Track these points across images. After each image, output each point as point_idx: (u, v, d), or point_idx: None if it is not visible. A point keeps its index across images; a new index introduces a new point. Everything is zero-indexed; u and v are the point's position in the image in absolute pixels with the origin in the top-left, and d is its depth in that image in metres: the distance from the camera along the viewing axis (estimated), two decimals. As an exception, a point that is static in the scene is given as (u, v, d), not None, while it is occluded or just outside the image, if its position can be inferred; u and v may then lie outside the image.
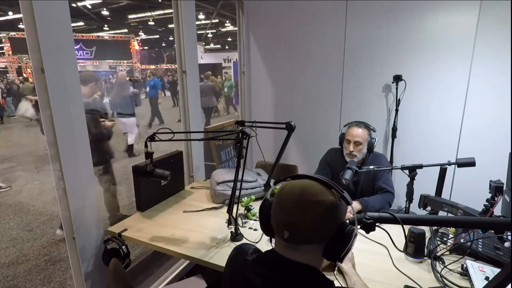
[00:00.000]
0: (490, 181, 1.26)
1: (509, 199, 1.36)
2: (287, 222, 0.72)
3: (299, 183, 0.75)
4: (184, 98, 2.27)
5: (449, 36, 2.28)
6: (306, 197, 0.71)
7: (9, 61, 13.98)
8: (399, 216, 0.79)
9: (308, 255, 0.74)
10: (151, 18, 13.10)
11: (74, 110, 1.39)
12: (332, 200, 0.71)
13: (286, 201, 0.73)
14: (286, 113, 3.03)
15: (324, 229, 0.72)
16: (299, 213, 0.70)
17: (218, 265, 1.29)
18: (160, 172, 1.46)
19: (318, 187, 0.73)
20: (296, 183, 0.75)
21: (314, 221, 0.70)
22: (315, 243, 0.73)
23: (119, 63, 17.62)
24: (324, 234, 0.72)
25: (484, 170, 1.86)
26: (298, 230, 0.71)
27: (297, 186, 0.74)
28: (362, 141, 1.86)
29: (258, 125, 1.66)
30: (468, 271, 1.15)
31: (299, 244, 0.73)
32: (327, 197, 0.71)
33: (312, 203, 0.70)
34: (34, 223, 3.35)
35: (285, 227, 0.72)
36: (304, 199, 0.71)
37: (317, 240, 0.72)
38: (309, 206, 0.70)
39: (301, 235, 0.71)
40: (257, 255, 0.83)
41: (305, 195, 0.71)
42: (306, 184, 0.74)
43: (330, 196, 0.72)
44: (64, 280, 2.42)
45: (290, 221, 0.71)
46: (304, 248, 0.73)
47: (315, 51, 2.77)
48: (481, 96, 2.27)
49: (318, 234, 0.72)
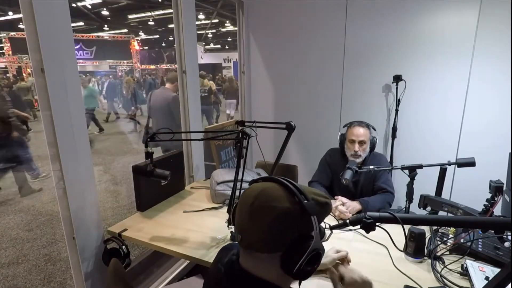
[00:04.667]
0: (490, 181, 1.25)
1: (509, 199, 1.36)
2: (240, 226, 0.69)
3: (260, 186, 0.69)
4: (184, 98, 2.27)
5: (449, 36, 2.28)
6: (259, 202, 0.66)
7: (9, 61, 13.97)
8: (399, 216, 0.79)
9: (265, 265, 0.68)
10: (151, 18, 13.10)
11: (74, 110, 1.39)
12: (285, 207, 0.64)
13: (243, 203, 0.69)
14: (286, 113, 3.03)
15: (276, 238, 0.65)
16: (249, 217, 0.66)
17: (218, 265, 1.29)
18: (160, 172, 1.46)
19: (276, 192, 0.66)
20: (257, 186, 0.70)
21: (263, 228, 0.65)
22: (266, 251, 0.66)
23: (119, 63, 17.63)
24: (276, 243, 0.65)
25: (484, 170, 1.86)
26: (248, 236, 0.67)
27: (257, 188, 0.69)
28: (366, 140, 1.86)
29: (258, 125, 1.66)
30: (468, 271, 1.15)
31: (253, 251, 0.67)
32: (281, 203, 0.65)
33: (264, 208, 0.65)
34: (34, 223, 3.35)
35: (238, 230, 0.70)
36: (257, 203, 0.66)
37: (268, 249, 0.66)
38: (259, 211, 0.65)
39: (252, 241, 0.66)
40: (230, 259, 0.77)
41: (259, 199, 0.66)
42: (266, 187, 0.68)
43: (285, 203, 0.65)
44: (64, 280, 2.42)
45: (243, 224, 0.68)
46: (258, 256, 0.67)
47: (315, 51, 2.77)
48: (481, 96, 2.27)
49: (269, 243, 0.65)
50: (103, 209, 3.56)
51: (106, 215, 3.43)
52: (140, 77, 15.64)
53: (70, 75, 1.36)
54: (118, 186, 4.44)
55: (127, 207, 3.69)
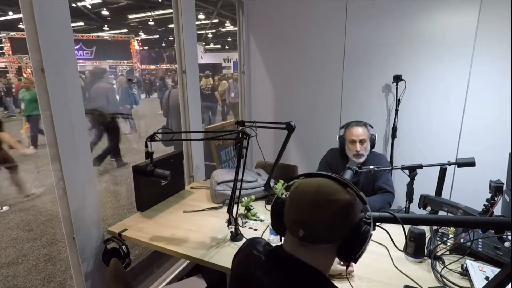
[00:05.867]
0: (490, 181, 1.25)
1: (509, 199, 1.36)
2: (303, 221, 0.71)
3: (314, 182, 0.74)
4: (184, 98, 2.27)
5: (449, 36, 2.28)
6: (322, 196, 0.70)
7: (9, 61, 13.97)
8: (399, 215, 0.79)
9: (320, 255, 0.73)
10: (151, 18, 13.09)
11: (74, 110, 1.39)
12: (348, 198, 0.70)
13: (302, 199, 0.72)
14: (286, 113, 3.03)
15: (340, 228, 0.71)
16: (315, 212, 0.70)
17: (218, 265, 1.29)
18: (160, 172, 1.46)
19: (333, 186, 0.72)
20: (311, 181, 0.74)
21: (330, 220, 0.69)
22: (329, 242, 0.72)
23: (119, 63, 17.61)
24: (339, 233, 0.71)
25: (484, 170, 1.86)
26: (314, 229, 0.70)
27: (312, 184, 0.73)
28: (366, 138, 1.87)
29: (258, 125, 1.66)
30: (468, 271, 1.15)
31: (314, 244, 0.72)
32: (343, 195, 0.70)
33: (329, 202, 0.70)
34: (34, 223, 3.35)
35: (300, 225, 0.71)
36: (320, 198, 0.70)
37: (332, 239, 0.72)
38: (325, 205, 0.70)
39: (317, 234, 0.71)
40: (266, 248, 0.83)
41: (321, 193, 0.71)
42: (321, 182, 0.73)
43: (346, 195, 0.71)
44: (64, 280, 2.42)
45: (306, 219, 0.71)
46: (318, 247, 0.72)
47: (315, 51, 2.77)
48: (481, 96, 2.27)
49: (334, 233, 0.71)
50: (103, 209, 3.56)
51: (106, 215, 3.43)
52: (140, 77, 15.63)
53: (70, 75, 1.36)
54: (118, 186, 4.44)
55: (127, 207, 3.69)
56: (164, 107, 4.67)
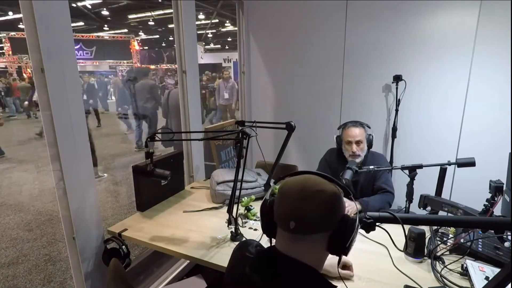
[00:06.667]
0: (490, 181, 1.25)
1: (509, 199, 1.36)
2: (293, 213, 0.73)
3: (300, 178, 0.78)
4: (184, 98, 2.27)
5: (449, 36, 2.28)
6: (309, 188, 0.73)
7: (9, 61, 13.98)
8: (399, 215, 0.79)
9: (313, 248, 0.75)
10: (151, 18, 13.08)
11: (74, 110, 1.39)
12: (334, 189, 0.75)
13: (290, 194, 0.75)
14: (286, 113, 3.03)
15: (328, 217, 0.73)
16: (304, 203, 0.72)
17: (218, 265, 1.29)
18: (160, 172, 1.46)
19: (318, 179, 0.76)
20: (296, 178, 0.78)
21: (318, 208, 0.72)
22: (320, 231, 0.74)
23: (119, 63, 17.61)
24: (328, 222, 0.73)
25: (484, 170, 1.86)
26: (304, 219, 0.72)
27: (298, 180, 0.77)
28: (362, 139, 1.86)
29: (258, 125, 1.66)
30: (468, 271, 1.15)
31: (305, 234, 0.74)
32: (329, 186, 0.74)
33: (315, 192, 0.73)
34: (34, 223, 3.35)
35: (290, 218, 0.73)
36: (307, 189, 0.73)
37: (322, 228, 0.73)
38: (312, 196, 0.72)
39: (307, 223, 0.73)
40: (258, 249, 0.84)
41: (308, 186, 0.74)
42: (307, 177, 0.77)
43: (332, 186, 0.75)
44: (64, 280, 2.42)
45: (296, 211, 0.73)
46: (309, 238, 0.74)
47: (315, 51, 2.77)
48: (481, 96, 2.27)
49: (323, 222, 0.73)
50: (103, 209, 3.56)
51: (106, 215, 3.43)
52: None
53: (70, 75, 1.36)
54: (118, 186, 4.44)
55: (127, 207, 3.69)
56: (164, 107, 4.69)
